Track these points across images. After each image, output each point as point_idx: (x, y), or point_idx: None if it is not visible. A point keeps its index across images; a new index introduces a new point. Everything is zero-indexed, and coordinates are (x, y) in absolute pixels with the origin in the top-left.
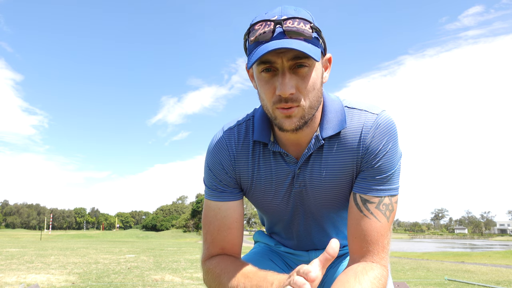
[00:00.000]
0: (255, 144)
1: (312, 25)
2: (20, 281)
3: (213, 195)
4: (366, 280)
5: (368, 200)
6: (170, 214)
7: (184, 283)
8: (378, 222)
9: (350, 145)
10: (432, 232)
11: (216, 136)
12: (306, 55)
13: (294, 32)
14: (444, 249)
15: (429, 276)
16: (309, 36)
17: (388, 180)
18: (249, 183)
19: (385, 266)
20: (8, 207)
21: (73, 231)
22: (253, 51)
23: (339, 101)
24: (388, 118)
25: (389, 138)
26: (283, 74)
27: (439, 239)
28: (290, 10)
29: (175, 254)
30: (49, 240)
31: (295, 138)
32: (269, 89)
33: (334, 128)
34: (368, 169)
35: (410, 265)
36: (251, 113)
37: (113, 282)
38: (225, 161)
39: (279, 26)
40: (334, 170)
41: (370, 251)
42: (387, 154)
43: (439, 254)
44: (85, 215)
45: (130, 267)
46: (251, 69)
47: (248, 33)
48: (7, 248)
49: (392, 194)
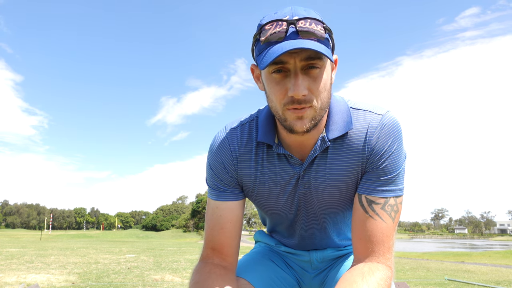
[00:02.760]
0: (259, 145)
1: (324, 25)
2: (20, 281)
3: (213, 194)
4: (373, 280)
5: (374, 201)
6: (170, 214)
7: (184, 283)
8: (383, 223)
9: (355, 147)
10: (432, 232)
11: (218, 135)
12: (319, 55)
13: (307, 32)
14: (444, 249)
15: (429, 276)
16: (322, 37)
17: (393, 181)
18: (252, 184)
19: (390, 267)
20: (8, 207)
21: (73, 231)
22: (265, 51)
23: (344, 102)
24: (393, 118)
25: (395, 139)
26: (295, 75)
27: (439, 239)
28: (301, 10)
29: (175, 254)
30: (49, 240)
31: (301, 140)
32: (280, 90)
33: (340, 129)
34: (373, 170)
35: (410, 265)
36: (254, 114)
37: (113, 282)
38: (227, 161)
39: (292, 26)
40: (339, 172)
41: (375, 252)
42: (392, 155)
43: (439, 254)
44: (85, 215)
45: (130, 267)
46: (256, 69)
47: (258, 34)
48: (7, 248)
49: (397, 195)
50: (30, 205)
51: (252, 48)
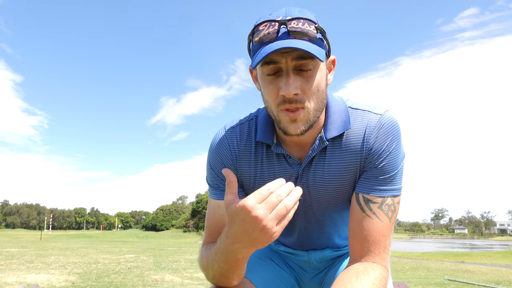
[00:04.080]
0: (258, 145)
1: (316, 25)
2: (20, 281)
3: (214, 193)
4: (368, 280)
5: (371, 200)
6: (170, 214)
7: (184, 283)
8: (380, 223)
9: (353, 146)
10: (432, 232)
11: (218, 134)
12: (310, 55)
13: (299, 32)
14: (444, 249)
15: (429, 276)
16: (314, 37)
17: (391, 180)
18: (251, 183)
19: (385, 266)
20: (8, 207)
21: (73, 231)
22: (257, 51)
23: (343, 102)
24: (392, 118)
25: (393, 138)
26: (287, 75)
27: (439, 239)
28: (295, 11)
29: (175, 254)
30: (49, 240)
31: (299, 140)
32: (273, 90)
33: (338, 129)
34: (371, 169)
35: (410, 265)
36: (254, 113)
37: (113, 282)
38: (226, 160)
39: (284, 26)
40: (337, 171)
41: (371, 251)
42: (390, 154)
43: (439, 254)
44: (85, 215)
45: (130, 267)
46: (255, 70)
47: (252, 34)
48: (7, 248)
49: (394, 195)
50: (30, 205)
51: (248, 48)
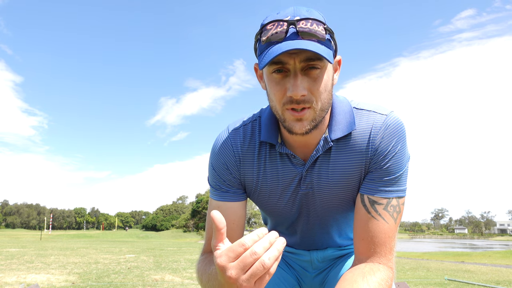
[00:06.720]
0: (261, 145)
1: (325, 26)
2: (20, 281)
3: (216, 194)
4: (374, 281)
5: (376, 202)
6: (170, 214)
7: (184, 283)
8: (385, 224)
9: (358, 147)
10: (432, 232)
11: (221, 136)
12: (319, 56)
13: (308, 33)
14: (444, 249)
15: (429, 276)
16: (322, 38)
17: (396, 181)
18: (254, 185)
19: (391, 268)
20: (8, 207)
21: (73, 231)
22: (265, 51)
23: (347, 102)
24: (397, 119)
25: (399, 139)
26: (295, 76)
27: (439, 239)
28: (303, 10)
29: (175, 254)
30: (49, 240)
31: (303, 140)
32: (279, 90)
33: (343, 130)
34: (376, 170)
35: (410, 265)
36: (257, 114)
37: (113, 282)
38: (229, 161)
39: (293, 26)
40: (342, 172)
41: (377, 253)
42: (396, 155)
43: (439, 254)
44: (85, 215)
45: (130, 267)
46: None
47: (260, 33)
48: (7, 248)
49: (399, 196)
50: (30, 205)
51: (254, 47)
